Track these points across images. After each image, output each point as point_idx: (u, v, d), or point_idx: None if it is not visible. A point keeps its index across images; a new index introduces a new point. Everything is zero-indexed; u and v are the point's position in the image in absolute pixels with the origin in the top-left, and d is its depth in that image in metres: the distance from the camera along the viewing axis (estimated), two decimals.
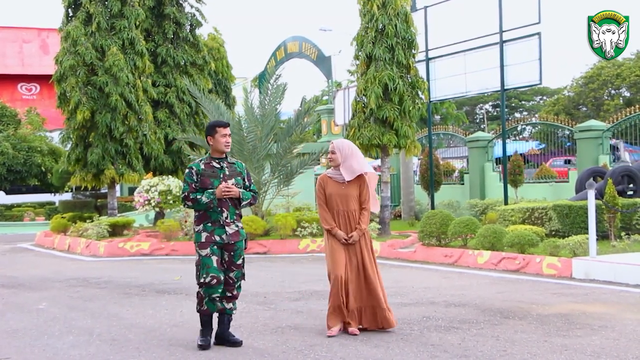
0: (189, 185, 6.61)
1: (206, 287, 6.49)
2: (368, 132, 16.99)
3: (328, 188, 7.12)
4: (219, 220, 6.59)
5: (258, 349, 6.53)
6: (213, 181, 6.59)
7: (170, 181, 19.63)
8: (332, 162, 7.16)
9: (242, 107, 18.70)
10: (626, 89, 41.53)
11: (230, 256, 6.62)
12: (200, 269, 6.53)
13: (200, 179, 6.60)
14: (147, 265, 14.29)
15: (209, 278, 6.45)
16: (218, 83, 28.15)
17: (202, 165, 6.67)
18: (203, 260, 6.51)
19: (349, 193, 7.08)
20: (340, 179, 7.10)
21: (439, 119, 44.09)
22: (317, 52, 29.74)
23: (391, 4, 16.95)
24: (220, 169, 6.68)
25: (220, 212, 6.58)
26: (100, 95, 20.30)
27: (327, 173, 7.23)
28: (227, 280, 6.60)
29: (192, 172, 6.64)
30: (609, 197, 12.75)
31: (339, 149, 7.13)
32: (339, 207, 7.07)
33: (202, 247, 6.55)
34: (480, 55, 17.72)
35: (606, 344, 6.37)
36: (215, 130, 6.66)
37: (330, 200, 7.10)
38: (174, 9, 23.48)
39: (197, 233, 6.63)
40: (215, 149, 6.71)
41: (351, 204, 7.08)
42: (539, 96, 59.81)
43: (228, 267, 6.62)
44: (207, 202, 6.50)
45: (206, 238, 6.55)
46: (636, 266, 10.00)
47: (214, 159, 6.73)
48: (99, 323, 7.97)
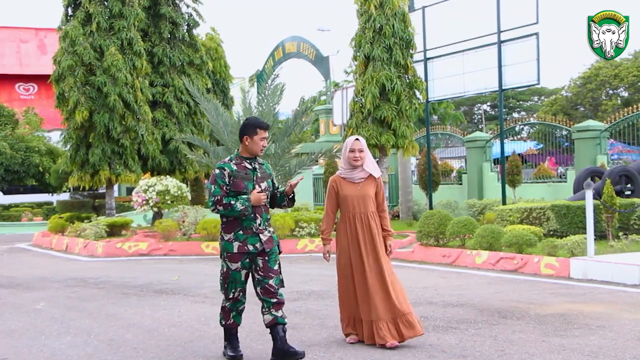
0: (220, 188, 5.89)
1: (233, 302, 6.08)
2: (366, 132, 17.01)
3: (343, 190, 6.61)
4: (251, 227, 5.94)
5: (256, 349, 6.53)
6: (247, 184, 5.94)
7: (168, 181, 19.63)
8: (358, 161, 6.58)
9: (240, 107, 18.69)
10: (624, 89, 41.56)
11: (265, 262, 5.99)
12: (229, 282, 6.02)
13: (233, 181, 5.92)
14: (145, 265, 14.28)
15: (237, 293, 6.03)
16: (216, 83, 28.17)
17: (234, 166, 5.98)
18: (232, 274, 5.97)
19: (366, 194, 6.58)
20: (356, 179, 6.60)
21: (437, 119, 44.09)
22: (315, 52, 29.74)
23: (389, 4, 16.98)
24: (253, 171, 6.03)
25: (253, 218, 5.94)
26: (98, 96, 20.31)
27: (340, 174, 6.69)
28: (267, 289, 5.95)
29: (224, 174, 5.93)
30: (606, 197, 12.76)
31: (365, 146, 6.66)
32: (356, 210, 6.56)
33: (232, 260, 5.94)
34: (478, 55, 17.73)
35: (604, 344, 6.37)
36: (255, 132, 5.99)
37: (346, 202, 6.59)
38: (169, 9, 23.48)
39: (227, 242, 5.96)
40: (250, 150, 6.02)
41: (369, 205, 6.57)
42: (537, 96, 59.84)
43: (265, 274, 5.96)
44: (242, 209, 5.84)
45: (239, 248, 5.91)
46: (634, 266, 10.01)
47: (244, 159, 6.06)
48: (96, 323, 7.97)
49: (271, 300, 5.96)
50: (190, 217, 17.54)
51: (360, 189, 6.58)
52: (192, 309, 8.75)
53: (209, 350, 6.55)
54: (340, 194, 6.62)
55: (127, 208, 27.65)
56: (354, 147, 6.58)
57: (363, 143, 6.63)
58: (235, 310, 6.13)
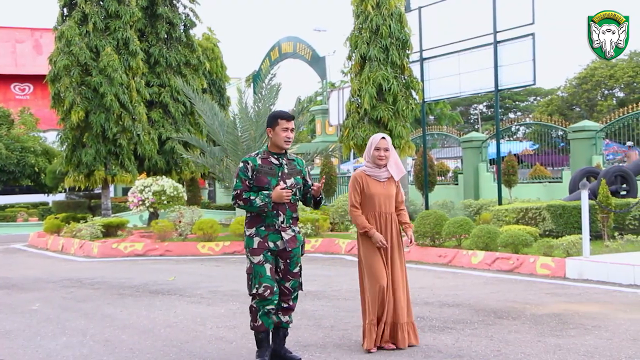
0: (242, 182, 5.76)
1: (259, 300, 5.70)
2: (362, 132, 17.01)
3: (370, 188, 6.35)
4: (274, 224, 5.76)
5: (252, 349, 6.51)
6: (270, 180, 5.75)
7: (164, 181, 19.61)
8: (383, 160, 6.37)
9: (237, 107, 18.70)
10: (619, 90, 41.66)
11: (286, 264, 5.83)
12: (252, 278, 5.74)
13: (256, 176, 5.75)
14: (141, 265, 14.26)
15: (262, 289, 5.66)
16: (212, 83, 28.19)
17: (259, 160, 5.80)
18: (255, 268, 5.71)
19: (390, 193, 6.40)
20: (382, 178, 6.39)
21: (433, 120, 44.14)
22: (312, 53, 29.75)
23: (385, 5, 16.98)
24: (279, 166, 5.82)
25: (275, 215, 5.75)
26: (94, 96, 20.31)
27: (366, 171, 6.43)
28: (282, 291, 5.83)
29: (248, 167, 5.77)
30: (602, 197, 12.78)
31: (391, 145, 6.45)
32: (381, 209, 6.36)
33: (254, 254, 5.74)
34: (475, 55, 17.74)
35: (599, 344, 6.38)
36: (276, 122, 5.80)
37: (372, 201, 6.34)
38: (166, 9, 23.50)
39: (248, 237, 5.80)
40: (275, 143, 5.83)
41: (392, 205, 6.41)
42: (533, 96, 59.95)
43: (283, 276, 5.82)
44: (262, 206, 5.67)
45: (259, 244, 5.74)
46: (629, 266, 10.02)
47: (272, 154, 5.86)
48: (92, 324, 7.95)
49: (282, 304, 5.85)
50: (187, 217, 17.53)
51: (385, 188, 6.40)
52: (188, 309, 8.74)
53: (205, 350, 6.54)
54: (366, 192, 6.37)
55: (123, 208, 27.61)
56: (380, 145, 6.37)
57: (389, 141, 6.43)
58: (262, 310, 5.73)
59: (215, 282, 11.28)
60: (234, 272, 12.57)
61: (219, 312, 8.43)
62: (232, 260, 14.74)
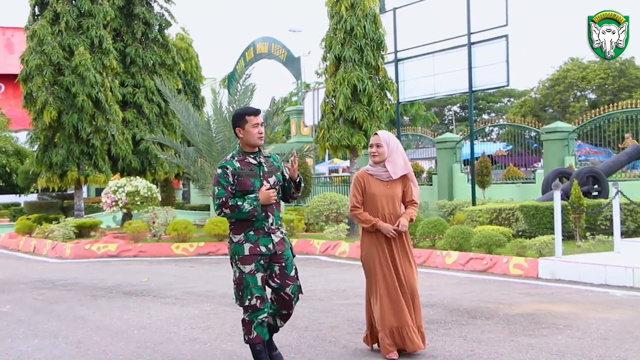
0: (225, 189, 5.35)
1: (252, 312, 5.37)
2: (337, 133, 17.02)
3: (371, 187, 6.07)
4: (263, 227, 5.41)
5: (227, 350, 6.50)
6: (254, 181, 5.41)
7: (138, 182, 19.51)
8: (376, 157, 6.07)
9: (211, 108, 18.64)
10: (591, 92, 42.10)
11: (281, 268, 5.48)
12: (243, 289, 5.37)
13: (238, 180, 5.38)
14: (115, 266, 14.16)
15: (255, 300, 5.34)
16: (187, 83, 28.09)
17: (237, 163, 5.43)
18: (247, 278, 5.34)
19: (395, 193, 6.08)
20: (384, 177, 6.07)
21: (408, 120, 44.29)
22: (287, 53, 29.73)
23: (360, 5, 17.00)
24: (258, 166, 5.48)
25: (265, 217, 5.42)
26: (67, 96, 20.13)
27: (368, 170, 6.14)
28: (282, 299, 5.51)
29: (228, 173, 5.39)
30: (574, 198, 12.90)
31: (386, 141, 6.08)
32: (384, 210, 6.04)
33: (245, 262, 5.36)
34: (449, 57, 17.86)
35: (571, 343, 6.44)
36: (244, 120, 5.46)
37: (373, 201, 6.05)
38: (143, 9, 23.41)
39: (237, 244, 5.40)
40: (247, 142, 5.49)
41: (397, 205, 6.09)
42: (507, 98, 60.40)
43: (282, 281, 5.48)
44: (251, 210, 5.30)
45: (250, 250, 5.36)
46: (600, 266, 10.13)
47: (247, 154, 5.51)
48: (64, 326, 7.88)
49: (282, 310, 5.60)
50: (161, 218, 17.44)
51: (389, 187, 6.09)
52: (162, 310, 8.70)
53: (179, 352, 6.51)
54: (367, 192, 6.08)
55: (96, 209, 27.38)
56: (372, 141, 6.12)
57: (384, 137, 6.12)
58: (255, 321, 5.41)
59: (189, 283, 11.23)
60: (208, 273, 12.54)
61: (193, 313, 8.39)
62: (206, 261, 14.69)
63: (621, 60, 39.57)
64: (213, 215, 19.51)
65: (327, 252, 15.17)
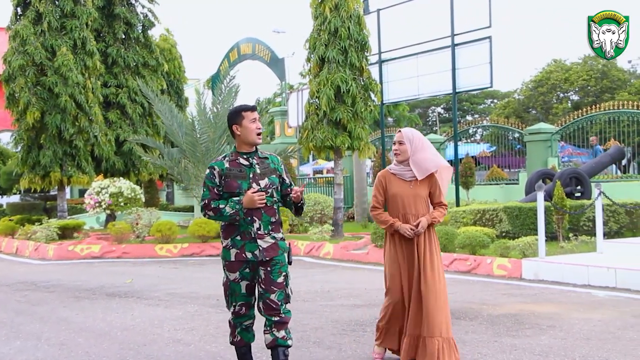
0: (209, 191, 5.14)
1: (235, 316, 5.30)
2: (321, 134, 17.02)
3: (393, 187, 5.77)
4: (249, 232, 5.11)
5: (210, 351, 6.49)
6: (241, 183, 5.11)
7: (122, 183, 19.43)
8: (399, 155, 5.76)
9: (195, 109, 18.59)
10: (574, 93, 42.34)
11: (266, 273, 5.12)
12: (229, 295, 5.26)
13: (224, 181, 5.11)
14: (98, 268, 14.10)
15: (238, 307, 5.24)
16: (170, 84, 27.98)
17: (227, 164, 5.15)
18: (231, 285, 5.20)
19: (418, 194, 5.74)
20: (408, 177, 5.76)
21: (392, 121, 44.36)
22: (271, 54, 29.67)
23: (344, 7, 17.00)
24: (249, 167, 5.15)
25: (250, 222, 5.10)
26: (50, 96, 20.02)
27: (391, 169, 5.85)
28: (268, 305, 5.14)
29: (214, 174, 5.14)
30: (557, 199, 12.97)
31: (409, 139, 5.77)
32: (406, 211, 5.72)
33: (230, 269, 5.17)
34: (433, 58, 17.90)
35: (554, 344, 6.47)
36: (241, 116, 5.14)
37: (395, 202, 5.77)
38: (124, 9, 23.32)
39: (224, 249, 5.21)
40: (244, 140, 5.17)
41: (420, 207, 5.74)
42: (490, 99, 60.64)
43: (267, 287, 5.13)
44: (232, 214, 5.05)
45: (236, 256, 5.12)
46: (583, 267, 10.19)
47: (241, 154, 5.19)
48: (47, 327, 7.84)
49: (272, 318, 5.15)
50: (144, 219, 17.37)
51: (412, 187, 5.75)
52: (145, 311, 8.67)
53: (162, 353, 6.49)
54: (389, 192, 5.79)
55: (80, 210, 27.24)
56: (395, 139, 5.84)
57: (407, 135, 5.81)
58: (240, 326, 5.32)
59: (173, 284, 11.20)
60: (192, 274, 12.50)
61: (177, 315, 8.37)
62: (190, 262, 14.64)
63: (603, 62, 39.86)
64: (197, 217, 19.46)
65: (312, 253, 15.17)
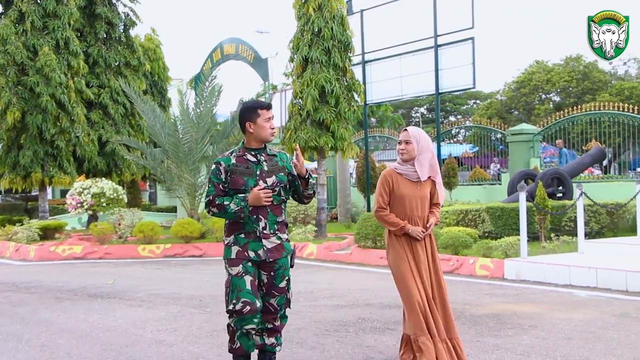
0: (214, 187, 5.00)
1: (237, 318, 4.94)
2: (305, 134, 17.01)
3: (400, 188, 5.50)
4: (254, 231, 5.01)
5: (193, 352, 6.47)
6: (247, 180, 4.98)
7: (104, 183, 19.34)
8: (404, 154, 5.50)
9: (178, 109, 18.53)
10: (555, 94, 42.52)
11: (269, 277, 5.04)
12: (229, 292, 5.00)
13: (230, 178, 4.97)
14: (80, 269, 14.02)
15: (240, 304, 4.89)
16: (154, 84, 27.90)
17: (234, 159, 5.00)
18: (233, 280, 4.97)
19: (424, 195, 5.55)
20: (414, 177, 5.51)
21: (375, 122, 44.41)
22: (254, 54, 29.63)
23: (327, 7, 17.01)
24: (256, 164, 5.01)
25: (256, 220, 4.99)
26: (31, 96, 19.90)
27: (397, 169, 5.57)
28: (266, 308, 5.03)
29: (220, 169, 4.99)
30: (539, 200, 13.04)
31: (416, 138, 5.51)
32: (413, 213, 5.50)
33: (232, 265, 5.04)
34: (416, 59, 17.93)
35: (536, 343, 6.50)
36: (257, 114, 4.98)
37: (402, 203, 5.51)
38: (105, 8, 23.23)
39: (226, 247, 5.12)
40: (257, 137, 5.01)
41: (425, 207, 5.57)
42: (473, 100, 60.81)
43: (267, 291, 5.04)
44: (237, 211, 4.92)
45: (237, 254, 5.02)
46: (565, 267, 10.25)
47: (249, 150, 5.05)
48: (28, 328, 7.78)
49: (266, 325, 5.07)
50: (127, 219, 17.30)
51: (419, 188, 5.53)
52: (127, 312, 8.62)
53: (144, 354, 6.46)
54: (396, 192, 5.52)
55: (61, 211, 27.07)
56: (400, 137, 5.58)
57: (414, 134, 5.53)
58: (240, 330, 4.99)
59: (155, 285, 11.15)
60: (175, 275, 12.46)
61: (160, 316, 8.33)
62: (173, 262, 14.59)
63: (585, 63, 40.09)
64: (180, 217, 19.40)
65: (295, 254, 15.12)
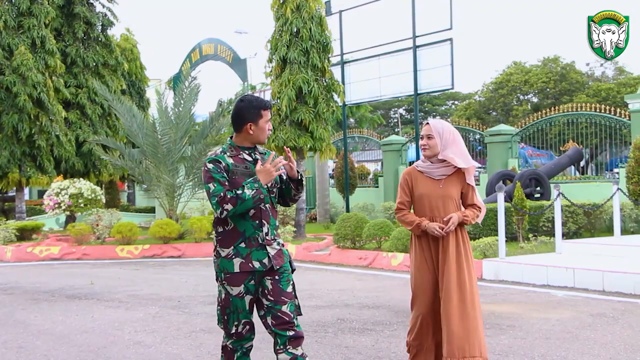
0: (220, 184, 4.38)
1: (237, 339, 4.59)
2: (284, 134, 17.01)
3: (419, 187, 5.10)
4: (257, 237, 4.47)
5: (171, 353, 6.44)
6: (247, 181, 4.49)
7: (82, 184, 19.21)
8: (427, 150, 5.07)
9: (156, 109, 18.46)
10: (533, 95, 42.82)
11: (274, 283, 4.49)
12: (229, 313, 4.51)
13: (230, 179, 4.44)
14: (57, 270, 13.92)
15: (242, 327, 4.54)
16: (132, 84, 27.79)
17: (230, 159, 4.49)
18: (234, 301, 4.46)
19: (447, 194, 5.05)
20: (436, 175, 5.08)
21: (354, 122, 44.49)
22: (233, 55, 29.61)
23: (305, 8, 17.01)
24: (254, 164, 4.53)
25: (259, 226, 4.48)
26: (7, 96, 19.74)
27: (418, 166, 5.16)
28: (280, 318, 4.45)
29: (220, 167, 4.43)
30: (517, 200, 13.12)
31: (438, 132, 5.07)
32: (434, 214, 5.02)
33: (233, 283, 4.43)
34: (395, 59, 18.00)
35: (514, 343, 6.54)
36: (259, 114, 4.51)
37: (421, 203, 5.09)
38: (84, 8, 23.11)
39: (224, 259, 4.45)
40: (255, 139, 4.57)
41: (450, 209, 5.03)
42: (451, 101, 61.07)
43: (276, 298, 4.47)
44: (255, 194, 4.34)
45: (241, 266, 4.42)
46: (542, 267, 10.32)
47: (242, 149, 4.58)
48: (4, 330, 7.71)
49: (287, 333, 4.45)
50: (105, 220, 17.20)
51: (442, 187, 5.07)
52: (105, 314, 8.57)
53: (122, 355, 6.42)
54: (415, 192, 5.12)
55: (39, 211, 26.88)
56: (422, 132, 5.14)
57: (436, 127, 5.09)
58: (240, 350, 4.65)
59: (134, 286, 11.10)
60: (153, 276, 12.40)
61: (138, 317, 8.29)
62: (151, 263, 14.53)
63: (562, 64, 40.42)
64: (158, 217, 19.31)
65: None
